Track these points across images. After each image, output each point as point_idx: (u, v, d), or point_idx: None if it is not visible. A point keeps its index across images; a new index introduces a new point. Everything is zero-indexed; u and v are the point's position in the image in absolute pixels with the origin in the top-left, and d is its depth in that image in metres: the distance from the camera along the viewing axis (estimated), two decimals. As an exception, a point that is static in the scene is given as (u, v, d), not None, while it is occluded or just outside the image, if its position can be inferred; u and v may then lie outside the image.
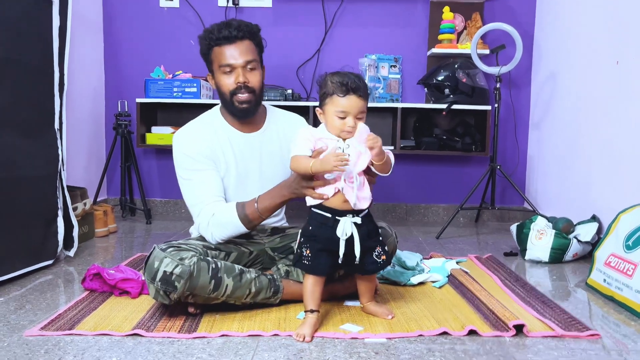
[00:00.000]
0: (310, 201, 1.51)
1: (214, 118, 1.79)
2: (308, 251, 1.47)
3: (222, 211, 1.65)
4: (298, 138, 1.49)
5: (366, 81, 3.15)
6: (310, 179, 1.50)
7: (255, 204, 1.62)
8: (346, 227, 1.46)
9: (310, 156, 1.46)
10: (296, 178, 1.54)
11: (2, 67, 1.85)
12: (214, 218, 1.64)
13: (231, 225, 1.63)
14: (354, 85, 1.45)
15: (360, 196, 1.47)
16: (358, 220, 1.48)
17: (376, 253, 1.53)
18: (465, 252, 2.51)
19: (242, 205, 1.64)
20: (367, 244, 1.50)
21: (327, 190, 1.47)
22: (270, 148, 1.80)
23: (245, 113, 1.73)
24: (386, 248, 1.58)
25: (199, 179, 1.70)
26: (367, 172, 1.51)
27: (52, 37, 2.14)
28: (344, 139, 1.47)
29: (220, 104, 1.81)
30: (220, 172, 1.74)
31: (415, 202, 3.49)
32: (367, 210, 1.52)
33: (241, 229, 1.64)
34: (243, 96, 1.69)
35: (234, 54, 1.67)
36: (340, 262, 1.47)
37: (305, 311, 1.49)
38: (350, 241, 1.46)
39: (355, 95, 1.45)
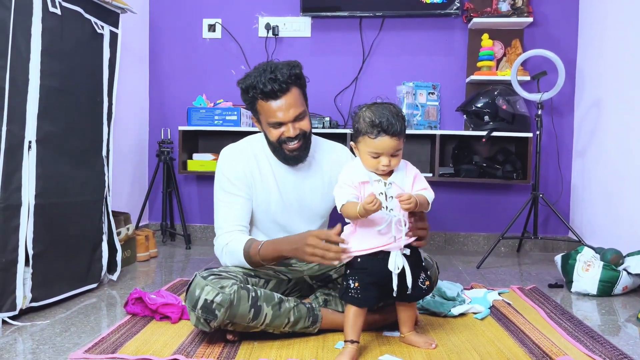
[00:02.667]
0: (356, 247, 1.47)
1: (260, 145, 1.77)
2: (357, 284, 1.45)
3: (234, 243, 1.65)
4: (341, 184, 1.47)
5: (403, 109, 3.16)
6: (319, 242, 1.46)
7: (259, 248, 1.60)
8: (398, 261, 1.44)
9: None
10: (305, 238, 1.50)
11: (56, 98, 1.94)
12: (227, 247, 1.66)
13: (238, 259, 1.64)
14: (387, 125, 1.39)
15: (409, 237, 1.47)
16: (407, 251, 1.47)
17: (421, 279, 1.52)
18: (508, 283, 2.44)
19: (250, 244, 1.62)
20: (413, 272, 1.48)
21: (381, 222, 1.42)
22: (312, 180, 1.78)
23: (297, 159, 1.70)
24: (429, 273, 1.57)
25: (229, 203, 1.71)
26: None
27: (102, 68, 2.24)
28: (381, 175, 1.46)
29: None
30: (259, 199, 1.74)
31: (454, 231, 3.43)
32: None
33: (245, 264, 1.64)
34: (293, 144, 1.65)
35: (283, 109, 1.60)
36: (394, 295, 1.45)
37: (345, 341, 1.47)
38: (400, 273, 1.45)
39: (387, 135, 1.40)
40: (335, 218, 1.63)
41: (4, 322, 1.74)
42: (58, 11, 1.91)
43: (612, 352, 1.55)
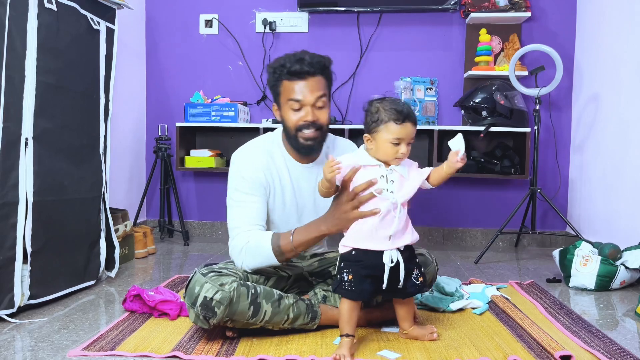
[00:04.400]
0: (347, 242, 1.49)
1: (275, 144, 1.74)
2: (350, 276, 1.46)
3: (257, 239, 1.60)
4: None
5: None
6: (351, 200, 1.48)
7: (291, 237, 1.57)
8: (392, 255, 1.45)
9: (345, 178, 1.47)
10: (336, 202, 1.52)
11: (53, 94, 1.93)
12: (248, 245, 1.60)
13: (263, 255, 1.59)
14: (409, 112, 1.46)
15: (400, 230, 1.47)
16: (401, 246, 1.48)
17: (414, 275, 1.52)
18: (506, 278, 2.44)
19: (277, 237, 1.58)
20: (407, 267, 1.48)
21: (379, 204, 1.45)
22: None
23: (309, 150, 1.68)
24: (422, 269, 1.57)
25: (246, 203, 1.66)
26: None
27: (99, 64, 2.23)
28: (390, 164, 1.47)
29: (282, 130, 1.77)
30: (275, 200, 1.71)
31: (452, 226, 3.43)
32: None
33: (272, 260, 1.59)
34: (310, 133, 1.63)
35: (305, 90, 1.61)
36: (384, 288, 1.46)
37: (341, 335, 1.47)
38: (394, 267, 1.45)
39: (410, 122, 1.45)
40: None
41: (2, 319, 1.74)
42: (54, 7, 1.90)
43: (610, 346, 1.56)
